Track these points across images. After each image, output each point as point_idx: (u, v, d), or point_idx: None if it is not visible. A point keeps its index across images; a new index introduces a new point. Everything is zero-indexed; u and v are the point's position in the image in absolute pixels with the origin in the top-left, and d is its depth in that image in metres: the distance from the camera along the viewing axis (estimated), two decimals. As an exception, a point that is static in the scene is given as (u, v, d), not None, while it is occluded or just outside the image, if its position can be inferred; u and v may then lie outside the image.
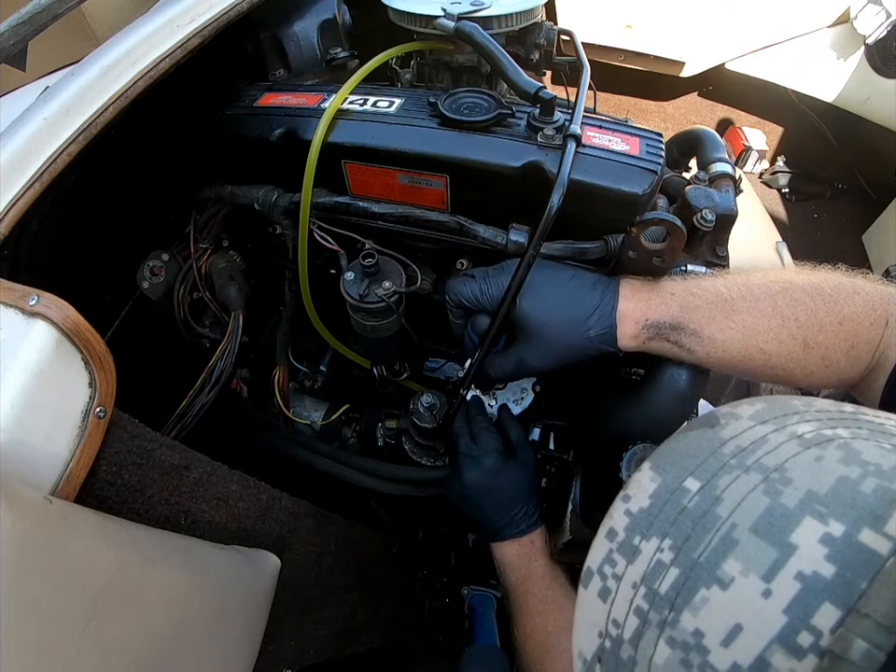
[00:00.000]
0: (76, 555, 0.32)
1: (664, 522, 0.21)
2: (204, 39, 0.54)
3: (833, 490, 0.18)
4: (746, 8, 1.78)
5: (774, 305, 0.43)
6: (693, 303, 0.45)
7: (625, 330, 0.47)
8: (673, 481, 0.22)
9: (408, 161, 0.53)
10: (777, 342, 0.43)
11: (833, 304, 0.42)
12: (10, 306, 0.36)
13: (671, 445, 0.25)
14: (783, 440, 0.21)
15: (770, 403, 0.24)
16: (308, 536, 0.63)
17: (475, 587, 1.10)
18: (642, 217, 0.45)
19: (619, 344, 0.47)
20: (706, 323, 0.44)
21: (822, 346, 0.42)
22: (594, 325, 0.47)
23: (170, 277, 0.66)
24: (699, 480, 0.21)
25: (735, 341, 0.44)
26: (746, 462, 0.21)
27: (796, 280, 0.44)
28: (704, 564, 0.19)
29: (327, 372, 0.77)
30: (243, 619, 0.50)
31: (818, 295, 0.42)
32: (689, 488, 0.21)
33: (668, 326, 0.45)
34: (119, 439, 0.40)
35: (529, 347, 0.49)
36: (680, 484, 0.21)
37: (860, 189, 2.02)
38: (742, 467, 0.21)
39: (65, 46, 0.89)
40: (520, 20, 0.60)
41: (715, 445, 0.22)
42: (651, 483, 0.22)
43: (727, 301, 0.44)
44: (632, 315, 0.46)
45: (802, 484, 0.19)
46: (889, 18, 1.56)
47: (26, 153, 0.43)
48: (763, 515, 0.18)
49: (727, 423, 0.24)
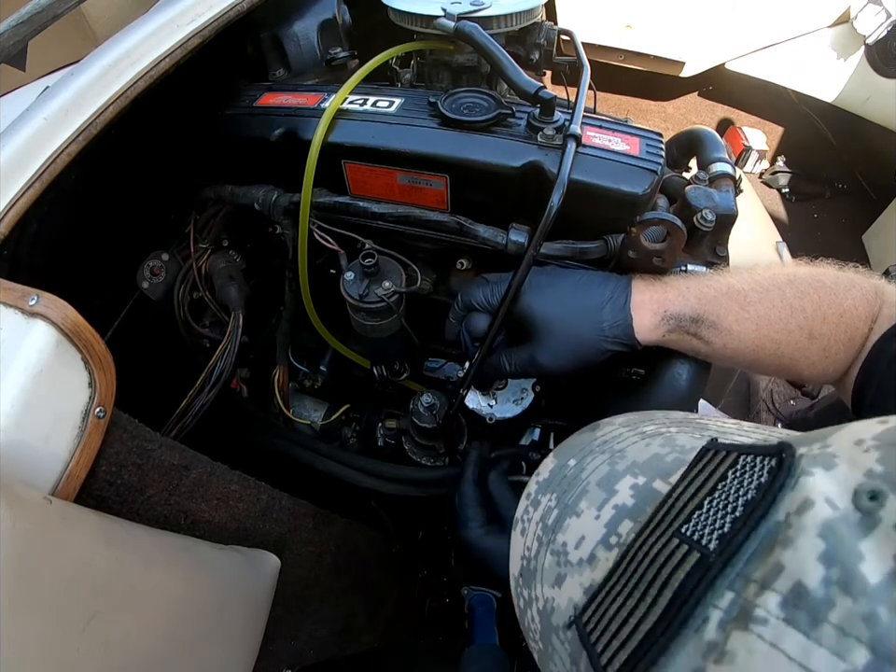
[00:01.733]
0: (75, 555, 0.32)
1: (554, 484, 0.32)
2: (204, 39, 0.54)
3: (647, 461, 0.29)
4: (746, 8, 1.78)
5: (783, 296, 0.43)
6: (708, 295, 0.45)
7: (644, 322, 0.46)
8: (562, 460, 0.34)
9: (408, 161, 0.53)
10: (787, 332, 0.43)
11: (834, 297, 0.43)
12: (10, 306, 0.36)
13: (566, 442, 0.36)
14: (630, 435, 0.32)
15: (638, 415, 0.35)
16: (308, 536, 0.64)
17: (475, 587, 1.10)
18: (642, 217, 0.45)
19: (637, 338, 0.47)
20: (723, 314, 0.44)
21: (825, 338, 0.43)
22: (607, 317, 0.47)
23: (170, 277, 0.66)
24: (575, 459, 0.33)
25: (750, 332, 0.44)
26: (604, 448, 0.32)
27: (799, 273, 0.45)
28: (570, 504, 0.30)
29: (327, 372, 0.77)
30: (243, 619, 0.50)
31: (820, 287, 0.43)
32: (569, 464, 0.33)
33: (689, 318, 0.45)
34: (119, 439, 0.40)
35: (541, 345, 0.49)
36: (566, 462, 0.33)
37: (860, 189, 2.03)
38: (601, 451, 0.32)
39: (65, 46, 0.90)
40: (520, 20, 0.60)
41: (589, 440, 0.34)
42: (550, 463, 0.34)
43: (739, 292, 0.45)
44: (648, 306, 0.46)
45: (630, 458, 0.30)
46: (889, 18, 1.56)
47: (26, 153, 0.43)
48: (604, 476, 0.30)
49: (603, 427, 0.35)
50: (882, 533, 0.19)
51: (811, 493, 0.21)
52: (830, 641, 0.18)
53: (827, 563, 0.19)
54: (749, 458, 0.24)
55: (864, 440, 0.22)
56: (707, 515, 0.23)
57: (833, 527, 0.20)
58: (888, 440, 0.21)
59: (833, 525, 0.20)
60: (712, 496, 0.23)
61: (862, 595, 0.18)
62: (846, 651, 0.18)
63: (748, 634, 0.20)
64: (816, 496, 0.20)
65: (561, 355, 0.48)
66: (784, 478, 0.21)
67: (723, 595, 0.21)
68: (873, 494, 0.19)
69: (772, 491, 0.21)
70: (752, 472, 0.23)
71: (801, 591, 0.19)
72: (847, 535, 0.19)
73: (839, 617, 0.18)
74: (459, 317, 0.54)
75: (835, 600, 0.18)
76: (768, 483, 0.22)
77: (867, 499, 0.19)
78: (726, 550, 0.21)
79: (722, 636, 0.20)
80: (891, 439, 0.21)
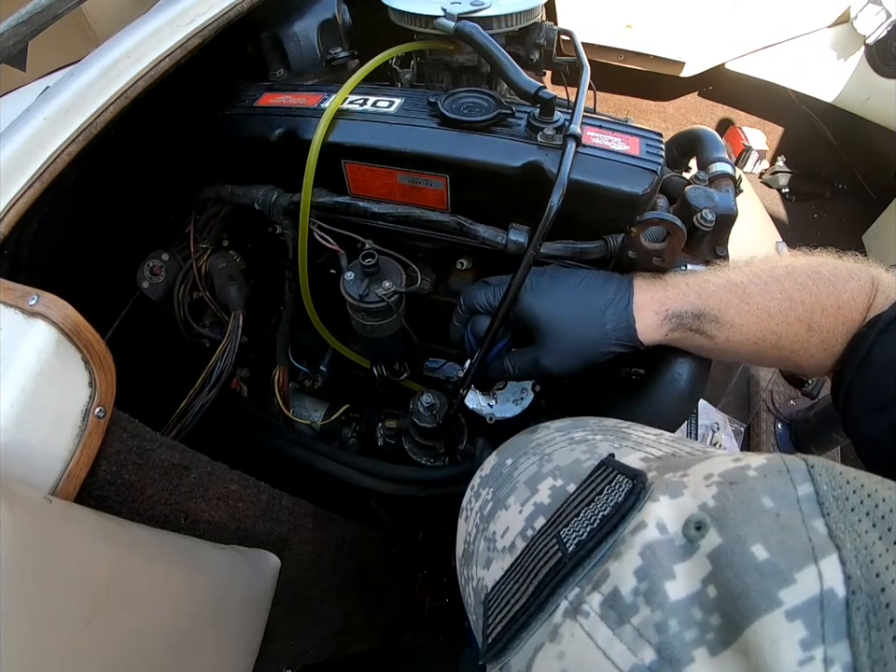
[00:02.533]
0: (75, 555, 0.32)
1: (492, 480, 0.36)
2: (204, 39, 0.54)
3: (568, 465, 0.32)
4: (746, 8, 1.78)
5: (781, 288, 0.43)
6: (708, 290, 0.45)
7: (646, 323, 0.46)
8: (501, 458, 0.38)
9: (408, 161, 0.53)
10: (786, 324, 0.43)
11: (833, 288, 0.42)
12: (10, 306, 0.36)
13: (509, 441, 0.40)
14: (561, 439, 0.36)
15: (572, 421, 0.39)
16: (308, 536, 0.64)
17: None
18: (642, 217, 0.45)
19: (640, 338, 0.47)
20: (724, 308, 0.45)
21: (823, 330, 0.43)
22: (609, 319, 0.47)
23: (170, 277, 0.66)
24: (512, 458, 0.36)
25: (751, 324, 0.44)
26: (537, 451, 0.35)
27: (797, 264, 0.45)
28: (501, 499, 0.33)
29: (327, 372, 0.77)
30: (243, 619, 0.50)
31: (818, 279, 0.43)
32: (507, 463, 0.36)
33: (690, 314, 0.45)
34: (119, 438, 0.40)
35: (544, 347, 0.49)
36: (504, 461, 0.37)
37: (860, 188, 2.02)
38: (533, 453, 0.35)
39: (65, 46, 0.89)
40: (520, 20, 0.60)
41: (527, 442, 0.38)
42: (492, 461, 0.38)
43: (739, 285, 0.45)
44: (650, 306, 0.46)
45: (555, 461, 0.33)
46: (889, 18, 1.56)
47: (26, 153, 0.43)
48: (531, 476, 0.33)
49: (540, 430, 0.39)
50: (697, 559, 0.22)
51: (647, 517, 0.24)
52: (628, 638, 0.22)
53: (640, 577, 0.23)
54: (621, 478, 0.27)
55: (713, 474, 0.25)
56: (578, 523, 0.27)
57: (653, 548, 0.23)
58: (729, 478, 0.24)
59: (654, 547, 0.23)
60: (588, 506, 0.27)
61: (660, 607, 0.22)
62: (637, 648, 0.22)
63: (574, 623, 0.24)
64: (650, 520, 0.24)
65: (565, 358, 0.48)
66: (633, 500, 0.25)
67: (573, 589, 0.25)
68: (699, 524, 0.22)
69: (621, 511, 0.25)
70: (617, 491, 0.27)
71: (616, 595, 0.23)
72: (663, 556, 0.23)
73: (638, 621, 0.22)
74: (463, 320, 0.54)
75: (639, 607, 0.22)
76: (620, 504, 0.26)
77: (693, 529, 0.22)
78: (577, 554, 0.25)
79: (562, 621, 0.25)
80: (732, 477, 0.24)
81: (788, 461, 0.23)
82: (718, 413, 1.28)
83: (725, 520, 0.22)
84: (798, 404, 1.35)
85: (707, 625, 0.20)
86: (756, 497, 0.22)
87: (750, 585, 0.20)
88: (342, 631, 0.74)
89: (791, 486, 0.22)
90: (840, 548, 0.19)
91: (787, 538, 0.20)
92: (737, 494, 0.23)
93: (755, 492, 0.22)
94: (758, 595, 0.19)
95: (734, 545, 0.21)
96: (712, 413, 1.27)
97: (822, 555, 0.19)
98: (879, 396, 0.38)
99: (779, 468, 0.23)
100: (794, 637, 0.18)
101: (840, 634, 0.18)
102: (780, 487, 0.22)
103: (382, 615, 0.86)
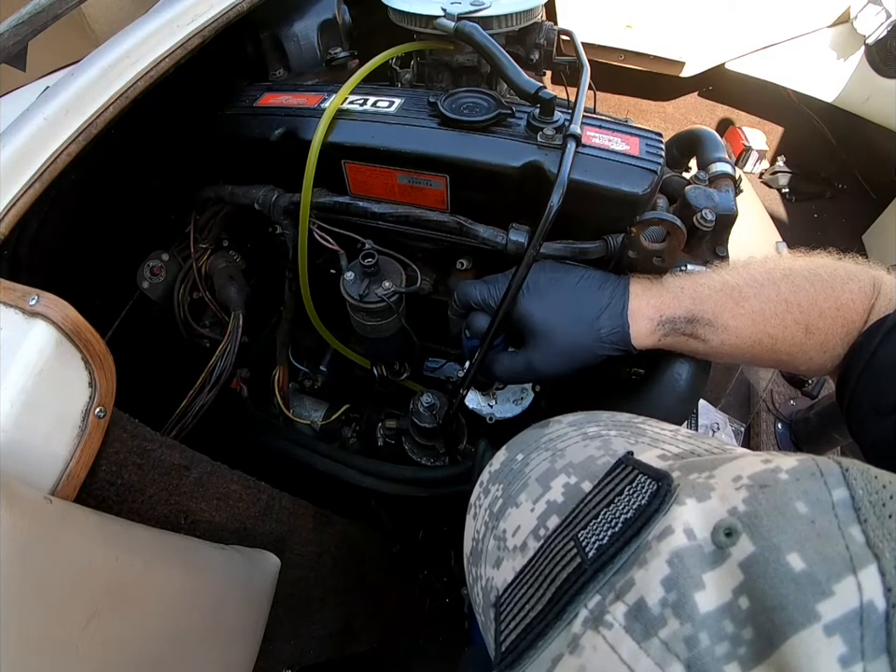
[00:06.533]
0: (75, 555, 0.32)
1: (502, 475, 0.35)
2: (204, 39, 0.54)
3: (582, 462, 0.31)
4: (746, 9, 1.78)
5: (778, 291, 0.43)
6: (703, 293, 0.45)
7: (640, 328, 0.46)
8: (512, 454, 0.36)
9: (408, 161, 0.53)
10: (783, 326, 0.43)
11: (831, 291, 0.42)
12: (10, 306, 0.36)
13: (519, 436, 0.38)
14: (574, 434, 0.34)
15: (585, 415, 0.38)
16: (308, 536, 0.64)
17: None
18: (642, 217, 0.45)
19: (633, 343, 0.47)
20: (718, 311, 0.44)
21: (822, 332, 0.42)
22: (604, 324, 0.46)
23: (170, 277, 0.66)
24: (523, 454, 0.35)
25: (746, 327, 0.44)
26: (548, 446, 0.34)
27: (795, 266, 0.45)
28: (512, 496, 0.32)
29: (327, 372, 0.77)
30: (242, 619, 0.50)
31: (817, 281, 0.43)
32: (517, 458, 0.35)
33: (683, 319, 0.45)
34: (119, 439, 0.40)
35: (538, 350, 0.49)
36: (514, 457, 0.35)
37: (860, 188, 2.02)
38: (545, 448, 0.34)
39: (65, 46, 0.89)
40: (520, 20, 0.60)
41: (538, 436, 0.36)
42: (501, 456, 0.37)
43: (734, 287, 0.44)
44: (645, 312, 0.46)
45: (568, 457, 0.32)
46: (889, 18, 1.56)
47: (26, 153, 0.43)
48: (543, 472, 0.32)
49: (551, 425, 0.37)
50: (728, 568, 0.21)
51: (674, 521, 0.23)
52: (655, 653, 0.20)
53: (667, 587, 0.21)
54: (643, 478, 0.26)
55: (742, 476, 0.23)
56: (598, 525, 0.25)
57: (681, 556, 0.22)
58: (760, 480, 0.22)
59: (682, 554, 0.22)
60: (608, 508, 0.26)
61: (690, 619, 0.20)
62: (666, 664, 0.20)
63: (596, 634, 0.23)
64: (677, 525, 0.23)
65: (558, 361, 0.48)
66: (658, 503, 0.24)
67: (594, 597, 0.24)
68: (729, 530, 0.21)
69: (645, 514, 0.24)
70: (639, 493, 0.25)
71: (642, 606, 0.22)
72: (692, 564, 0.21)
73: (666, 634, 0.21)
74: (458, 315, 0.54)
75: (667, 619, 0.21)
76: (644, 507, 0.24)
77: (723, 535, 0.21)
78: (598, 560, 0.24)
79: (582, 631, 0.23)
80: (762, 480, 0.22)
81: (821, 463, 0.22)
82: (718, 413, 1.28)
83: (758, 526, 0.20)
84: (798, 404, 1.35)
85: (738, 639, 0.19)
86: (789, 502, 0.21)
87: (787, 598, 0.18)
88: (342, 631, 0.74)
89: (826, 491, 0.20)
90: (879, 557, 0.18)
91: (823, 546, 0.19)
92: (769, 498, 0.21)
93: (788, 496, 0.21)
94: (795, 609, 0.18)
95: (768, 554, 0.20)
96: (712, 413, 1.27)
97: (861, 566, 0.18)
98: (885, 399, 0.37)
99: (812, 470, 0.21)
100: (833, 653, 0.17)
101: (880, 649, 0.17)
102: (814, 492, 0.21)
103: (382, 615, 0.86)
